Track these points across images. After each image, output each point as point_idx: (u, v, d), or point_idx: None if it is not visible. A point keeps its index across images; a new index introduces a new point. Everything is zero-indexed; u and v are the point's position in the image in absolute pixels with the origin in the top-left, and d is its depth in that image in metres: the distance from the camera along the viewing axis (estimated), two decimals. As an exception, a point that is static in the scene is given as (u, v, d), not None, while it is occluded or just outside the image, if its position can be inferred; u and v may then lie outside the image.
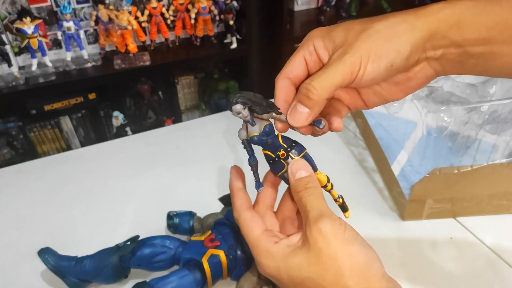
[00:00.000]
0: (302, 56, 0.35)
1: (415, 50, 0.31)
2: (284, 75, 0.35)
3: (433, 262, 0.57)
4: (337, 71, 0.31)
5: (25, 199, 0.71)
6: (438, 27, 0.30)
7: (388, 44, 0.31)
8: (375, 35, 0.31)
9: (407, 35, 0.31)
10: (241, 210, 0.35)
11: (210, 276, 0.49)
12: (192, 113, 1.72)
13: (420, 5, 1.35)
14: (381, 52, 0.31)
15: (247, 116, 0.33)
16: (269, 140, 0.34)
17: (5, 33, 1.24)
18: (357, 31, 0.32)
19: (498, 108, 0.60)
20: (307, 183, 0.33)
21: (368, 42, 0.31)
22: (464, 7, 0.30)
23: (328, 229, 0.30)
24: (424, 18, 0.31)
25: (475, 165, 0.58)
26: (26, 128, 1.39)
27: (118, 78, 1.34)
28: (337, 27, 0.34)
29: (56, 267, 0.51)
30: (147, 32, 1.42)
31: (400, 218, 0.64)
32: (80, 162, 0.80)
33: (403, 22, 0.31)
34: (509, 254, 0.57)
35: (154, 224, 0.62)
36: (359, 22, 0.33)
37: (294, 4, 1.69)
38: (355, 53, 0.31)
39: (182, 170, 0.76)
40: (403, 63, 0.31)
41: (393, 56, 0.31)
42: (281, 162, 0.35)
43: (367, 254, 0.31)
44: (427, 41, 0.31)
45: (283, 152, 0.34)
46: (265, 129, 0.34)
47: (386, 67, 0.31)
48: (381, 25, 0.31)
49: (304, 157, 0.35)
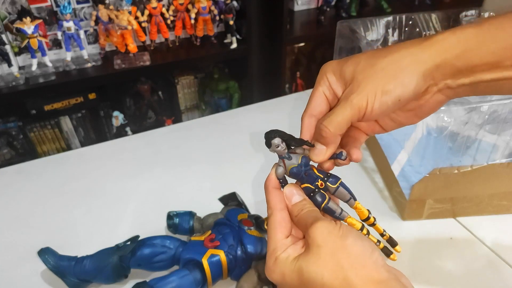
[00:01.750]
0: (322, 92, 0.36)
1: (421, 82, 0.32)
2: (310, 113, 0.37)
3: (433, 262, 0.57)
4: (345, 110, 0.33)
5: (25, 199, 0.71)
6: (444, 58, 0.31)
7: (393, 80, 0.32)
8: (380, 73, 0.32)
9: (411, 69, 0.32)
10: (274, 209, 0.36)
11: (210, 276, 0.49)
12: (192, 113, 1.72)
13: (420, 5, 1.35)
14: (387, 89, 0.32)
15: (285, 149, 0.35)
16: (307, 171, 0.36)
17: (5, 33, 1.24)
18: (363, 68, 0.33)
19: (498, 108, 0.60)
20: (303, 206, 0.35)
21: (374, 80, 0.32)
22: (468, 35, 0.31)
23: (324, 228, 0.31)
24: (429, 50, 0.32)
25: (475, 165, 0.58)
26: (26, 128, 1.39)
27: (118, 78, 1.34)
28: (347, 61, 0.35)
29: (56, 267, 0.51)
30: (147, 32, 1.42)
31: (400, 218, 0.64)
32: (80, 162, 0.80)
33: (408, 56, 0.32)
34: (509, 254, 0.57)
35: (154, 224, 0.62)
36: (365, 56, 0.34)
37: (294, 4, 1.69)
38: (361, 92, 0.33)
39: (182, 170, 0.76)
40: (410, 96, 0.32)
41: (399, 91, 0.32)
42: (321, 192, 0.36)
43: (363, 245, 0.31)
44: (434, 71, 0.32)
45: (321, 182, 0.36)
46: (303, 160, 0.36)
47: (394, 102, 0.32)
48: (385, 62, 0.33)
49: (341, 185, 0.36)
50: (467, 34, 0.31)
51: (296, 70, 1.83)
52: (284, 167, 0.36)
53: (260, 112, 0.93)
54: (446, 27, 0.83)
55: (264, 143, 0.36)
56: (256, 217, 0.56)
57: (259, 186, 0.71)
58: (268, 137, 0.35)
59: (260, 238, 0.52)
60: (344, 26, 0.77)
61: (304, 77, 1.86)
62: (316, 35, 1.63)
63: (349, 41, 0.76)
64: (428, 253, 0.58)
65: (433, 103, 0.34)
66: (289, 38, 1.55)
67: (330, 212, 0.36)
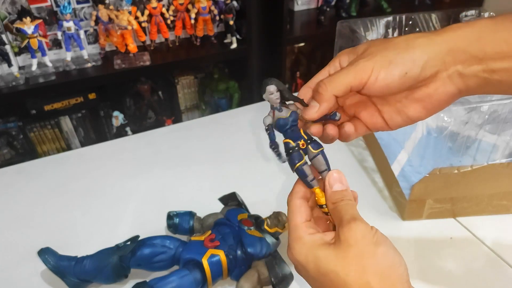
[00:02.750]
0: (327, 71, 0.37)
1: (431, 61, 0.32)
2: (308, 85, 0.37)
3: (433, 262, 0.57)
4: (349, 72, 0.33)
5: (25, 199, 0.71)
6: (457, 42, 0.32)
7: (403, 53, 0.32)
8: (392, 47, 0.33)
9: (423, 47, 0.32)
10: (294, 196, 0.36)
11: (210, 276, 0.49)
12: (192, 113, 1.72)
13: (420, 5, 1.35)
14: (396, 60, 0.32)
15: (277, 99, 0.35)
16: (293, 127, 0.36)
17: (5, 33, 1.24)
18: (377, 44, 0.34)
19: (498, 108, 0.60)
20: (343, 197, 0.35)
21: (384, 52, 0.33)
22: (483, 25, 0.31)
23: (359, 230, 0.31)
24: (443, 34, 0.32)
25: (475, 165, 0.58)
26: (26, 128, 1.39)
27: (118, 78, 1.34)
28: (362, 45, 0.36)
29: (56, 267, 0.51)
30: (147, 32, 1.42)
31: (400, 218, 0.64)
32: (80, 162, 0.80)
33: (422, 37, 0.33)
34: (509, 254, 0.57)
35: (154, 224, 0.62)
36: (382, 40, 0.35)
37: (294, 4, 1.69)
38: (370, 59, 0.33)
39: (182, 170, 0.76)
40: (418, 72, 0.32)
41: (408, 65, 0.32)
42: (300, 152, 0.35)
43: (393, 258, 0.31)
44: (446, 54, 0.32)
45: (303, 143, 0.35)
46: (293, 114, 0.36)
47: (401, 75, 0.32)
48: (399, 39, 0.33)
49: (322, 153, 0.36)
50: (481, 24, 0.31)
51: (296, 70, 1.83)
52: (272, 118, 0.36)
53: (260, 112, 0.93)
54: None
55: (264, 143, 0.36)
56: (256, 217, 0.56)
57: (259, 186, 0.71)
58: (265, 83, 0.35)
59: (260, 238, 0.52)
60: (344, 26, 0.77)
61: (304, 77, 1.86)
62: (316, 35, 1.63)
63: (349, 41, 0.76)
64: (428, 253, 0.58)
65: (442, 93, 0.33)
66: (289, 38, 1.54)
67: (302, 175, 0.36)
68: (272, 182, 0.71)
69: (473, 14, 0.79)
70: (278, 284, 0.50)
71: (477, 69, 0.31)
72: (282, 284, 0.50)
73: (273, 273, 0.50)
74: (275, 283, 0.49)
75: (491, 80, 0.31)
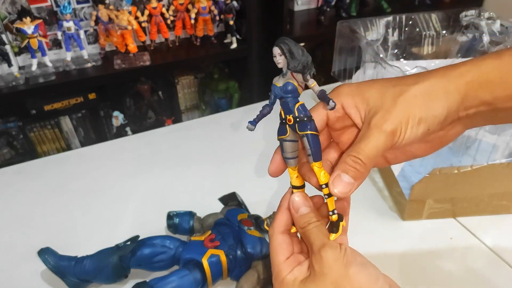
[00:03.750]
0: (326, 112, 0.35)
1: (450, 114, 0.32)
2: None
3: (433, 262, 0.57)
4: (379, 139, 0.31)
5: (25, 199, 0.71)
6: (468, 90, 0.31)
7: (426, 110, 0.31)
8: (413, 101, 0.32)
9: (442, 101, 0.31)
10: (276, 230, 0.36)
11: (210, 276, 0.49)
12: (192, 113, 1.72)
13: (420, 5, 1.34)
14: (420, 118, 0.31)
15: (281, 63, 0.32)
16: (285, 98, 0.33)
17: (5, 33, 1.24)
18: (394, 94, 0.32)
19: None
20: (310, 219, 0.35)
21: (407, 108, 0.32)
22: (490, 67, 0.31)
23: (329, 256, 0.32)
24: (456, 82, 0.32)
25: (475, 165, 0.58)
26: (26, 128, 1.39)
27: (118, 78, 1.34)
28: (369, 87, 0.34)
29: (56, 267, 0.51)
30: (147, 32, 1.42)
31: (400, 218, 0.64)
32: (80, 162, 0.80)
33: (437, 87, 0.32)
34: (509, 254, 0.57)
35: (154, 224, 0.62)
36: (391, 83, 0.33)
37: (294, 4, 1.69)
38: (395, 119, 0.31)
39: (182, 170, 0.76)
40: (439, 127, 0.32)
41: (430, 121, 0.32)
42: (285, 127, 0.33)
43: (368, 274, 0.32)
44: (460, 104, 0.32)
45: (291, 118, 0.33)
46: (286, 86, 0.32)
47: (424, 132, 0.32)
48: (416, 89, 0.32)
49: (307, 136, 0.33)
50: (489, 66, 0.31)
51: (296, 70, 1.83)
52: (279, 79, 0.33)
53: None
54: (446, 27, 0.83)
55: (265, 143, 0.36)
56: (256, 217, 0.56)
57: (259, 186, 0.71)
58: (275, 43, 0.31)
59: (260, 238, 0.52)
60: (344, 26, 0.77)
61: (304, 77, 1.86)
62: (316, 35, 1.63)
63: (349, 41, 0.76)
64: (428, 253, 0.58)
65: (452, 134, 0.34)
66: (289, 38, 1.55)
67: (281, 149, 0.35)
68: (272, 182, 0.71)
69: (473, 14, 0.79)
70: (278, 284, 0.50)
71: (485, 109, 0.32)
72: (282, 284, 0.50)
73: (273, 273, 0.50)
74: (275, 283, 0.49)
75: (498, 116, 0.32)
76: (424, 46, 0.84)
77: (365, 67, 0.72)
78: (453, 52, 0.83)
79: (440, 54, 0.84)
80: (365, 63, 0.71)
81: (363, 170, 0.32)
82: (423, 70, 0.34)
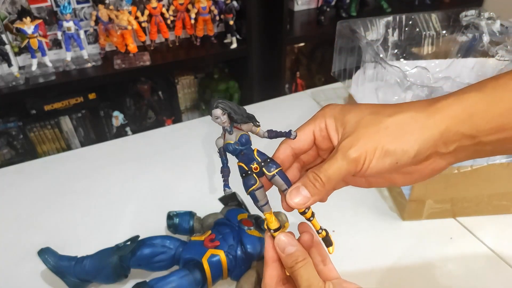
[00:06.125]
0: (312, 131, 0.36)
1: (423, 149, 0.31)
2: (288, 144, 0.36)
3: (433, 262, 0.57)
4: (342, 164, 0.32)
5: (25, 199, 0.71)
6: (449, 125, 0.31)
7: (395, 143, 0.31)
8: (383, 132, 0.32)
9: (415, 135, 0.31)
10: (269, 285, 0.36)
11: (210, 276, 0.49)
12: (192, 113, 1.72)
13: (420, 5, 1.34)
14: (387, 150, 0.31)
15: (225, 122, 0.33)
16: (244, 150, 0.34)
17: (5, 33, 1.24)
18: (368, 123, 0.32)
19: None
20: (296, 258, 0.35)
21: (376, 138, 0.32)
22: (474, 100, 0.30)
23: None
24: (435, 116, 0.31)
25: (475, 165, 0.58)
26: (26, 128, 1.39)
27: (118, 78, 1.34)
28: (349, 111, 0.34)
29: (56, 267, 0.51)
30: (147, 32, 1.42)
31: (400, 218, 0.64)
32: (80, 162, 0.80)
33: (413, 121, 0.31)
34: (509, 254, 0.57)
35: (154, 224, 0.62)
36: (369, 111, 0.33)
37: (294, 4, 1.69)
38: (360, 148, 0.31)
39: (182, 170, 0.76)
40: (409, 161, 0.32)
41: (399, 155, 0.31)
42: (253, 176, 0.35)
43: None
44: (438, 139, 0.31)
45: (256, 166, 0.34)
46: (241, 138, 0.34)
47: (391, 164, 0.32)
48: (390, 121, 0.32)
49: (278, 173, 0.34)
50: (471, 99, 0.30)
51: (296, 70, 1.83)
52: (223, 140, 0.35)
53: (260, 112, 0.93)
54: (446, 27, 0.83)
55: (265, 142, 0.36)
56: (256, 217, 0.56)
57: (259, 186, 0.71)
58: (211, 105, 0.32)
59: (260, 238, 0.52)
60: (344, 26, 0.77)
61: (304, 77, 1.86)
62: (316, 35, 1.63)
63: (349, 41, 0.76)
64: (428, 253, 0.58)
65: (433, 169, 0.33)
66: (289, 38, 1.55)
67: (254, 200, 0.35)
68: (272, 182, 0.71)
69: (473, 14, 0.79)
70: (278, 284, 0.50)
71: (469, 144, 0.31)
72: (282, 284, 0.50)
73: (273, 273, 0.50)
74: (275, 283, 0.49)
75: (483, 150, 0.32)
76: (424, 46, 0.84)
77: (365, 67, 0.72)
78: (453, 52, 0.83)
79: (440, 54, 0.84)
80: (365, 63, 0.71)
81: (321, 189, 0.33)
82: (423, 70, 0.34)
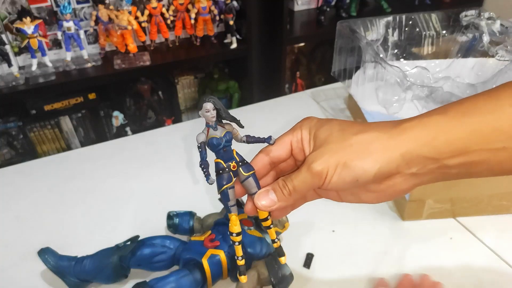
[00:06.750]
0: (289, 141, 0.37)
1: (384, 169, 0.32)
2: (267, 151, 0.37)
3: (433, 262, 0.57)
4: (306, 177, 0.33)
5: (25, 199, 0.71)
6: (410, 147, 0.31)
7: (356, 160, 0.32)
8: (347, 149, 0.33)
9: (377, 155, 0.32)
10: None
11: (210, 276, 0.49)
12: (192, 113, 1.72)
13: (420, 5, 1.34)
14: (348, 166, 0.32)
15: (213, 117, 0.34)
16: (226, 147, 0.36)
17: (5, 33, 1.24)
18: (335, 138, 0.34)
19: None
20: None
21: (339, 154, 0.33)
22: (436, 123, 0.31)
23: None
24: (397, 138, 0.32)
25: (475, 165, 0.57)
26: (26, 128, 1.39)
27: (118, 78, 1.34)
28: (323, 125, 0.35)
29: (56, 267, 0.51)
30: (147, 32, 1.42)
31: (400, 218, 0.64)
32: (80, 162, 0.80)
33: (375, 140, 0.32)
34: (509, 254, 0.57)
35: (154, 224, 0.62)
36: (340, 127, 0.34)
37: (294, 4, 1.69)
38: (324, 162, 0.33)
39: (182, 170, 0.76)
40: (370, 179, 0.32)
41: (359, 173, 0.32)
42: (229, 174, 0.36)
43: None
44: (399, 160, 0.31)
45: (235, 165, 0.36)
46: (226, 135, 0.35)
47: (352, 181, 0.33)
48: (355, 139, 0.33)
49: (253, 175, 0.36)
50: (434, 122, 0.31)
51: (296, 70, 1.83)
52: (206, 136, 0.35)
53: (260, 112, 0.93)
54: (446, 27, 0.83)
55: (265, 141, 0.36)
56: (256, 217, 0.56)
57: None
58: (202, 100, 0.34)
59: (260, 238, 0.52)
60: (344, 26, 0.77)
61: (304, 77, 1.86)
62: (316, 35, 1.63)
63: (349, 41, 0.76)
64: (428, 253, 0.58)
65: (397, 189, 0.34)
66: (289, 38, 1.55)
67: (225, 198, 0.36)
68: (272, 182, 0.71)
69: (473, 14, 0.79)
70: (278, 284, 0.50)
71: (433, 167, 0.31)
72: (282, 284, 0.50)
73: (273, 273, 0.50)
74: (275, 283, 0.49)
75: (448, 173, 0.32)
76: (424, 46, 0.84)
77: (365, 67, 0.72)
78: (453, 52, 0.83)
79: (440, 54, 0.84)
80: (365, 63, 0.71)
81: (288, 197, 0.34)
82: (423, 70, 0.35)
